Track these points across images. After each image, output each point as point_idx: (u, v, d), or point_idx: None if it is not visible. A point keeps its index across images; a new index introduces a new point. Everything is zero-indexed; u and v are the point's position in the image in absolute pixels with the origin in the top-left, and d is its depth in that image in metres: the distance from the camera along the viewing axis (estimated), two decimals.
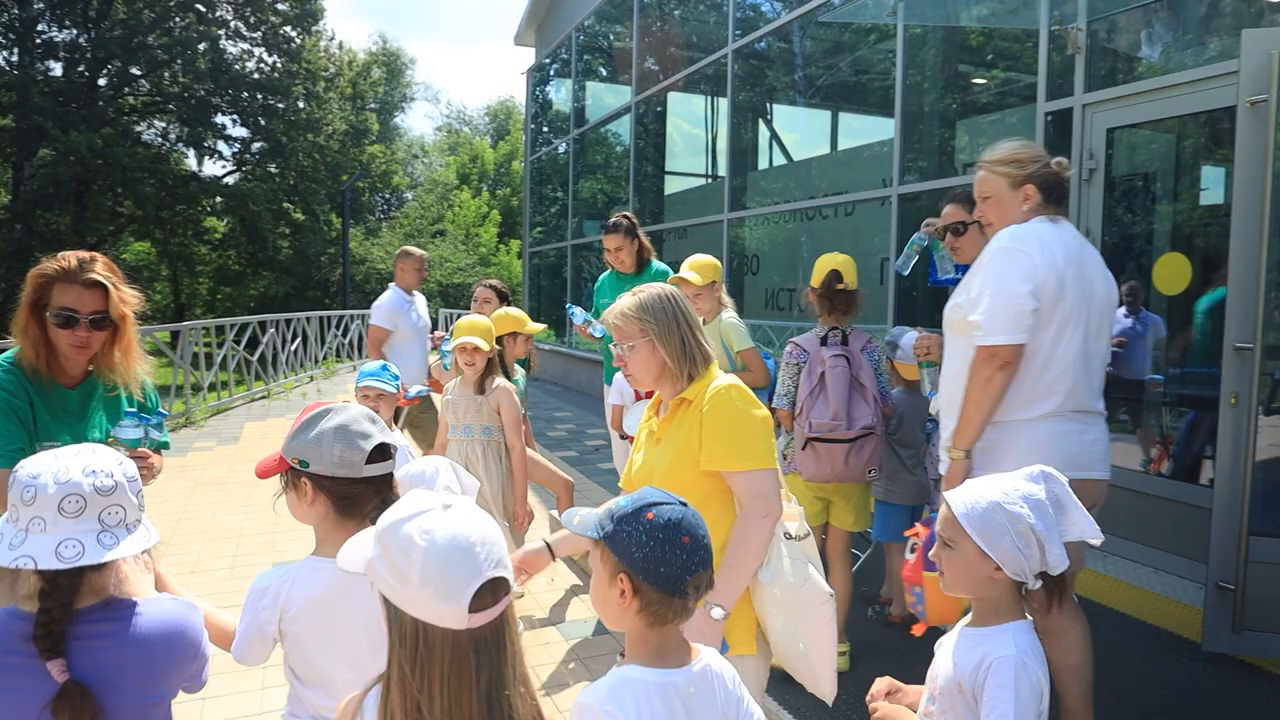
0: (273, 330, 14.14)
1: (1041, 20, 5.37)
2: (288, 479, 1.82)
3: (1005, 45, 6.56)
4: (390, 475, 1.84)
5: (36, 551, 1.43)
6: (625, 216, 4.94)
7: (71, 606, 1.49)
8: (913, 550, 2.36)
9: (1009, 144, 2.88)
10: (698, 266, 4.18)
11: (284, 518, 1.89)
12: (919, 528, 2.35)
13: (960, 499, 1.69)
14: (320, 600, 1.76)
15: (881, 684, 1.89)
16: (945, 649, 1.76)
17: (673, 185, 12.03)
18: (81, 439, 2.36)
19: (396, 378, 3.68)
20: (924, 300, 6.42)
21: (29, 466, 1.49)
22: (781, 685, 3.10)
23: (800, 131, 9.74)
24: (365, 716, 1.28)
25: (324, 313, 17.70)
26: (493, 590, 1.23)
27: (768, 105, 9.94)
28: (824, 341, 3.59)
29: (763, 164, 9.91)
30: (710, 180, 10.74)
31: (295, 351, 15.28)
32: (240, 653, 1.83)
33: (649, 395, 4.21)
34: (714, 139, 10.70)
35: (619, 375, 4.48)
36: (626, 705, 1.46)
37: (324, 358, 16.74)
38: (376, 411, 3.36)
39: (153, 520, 1.65)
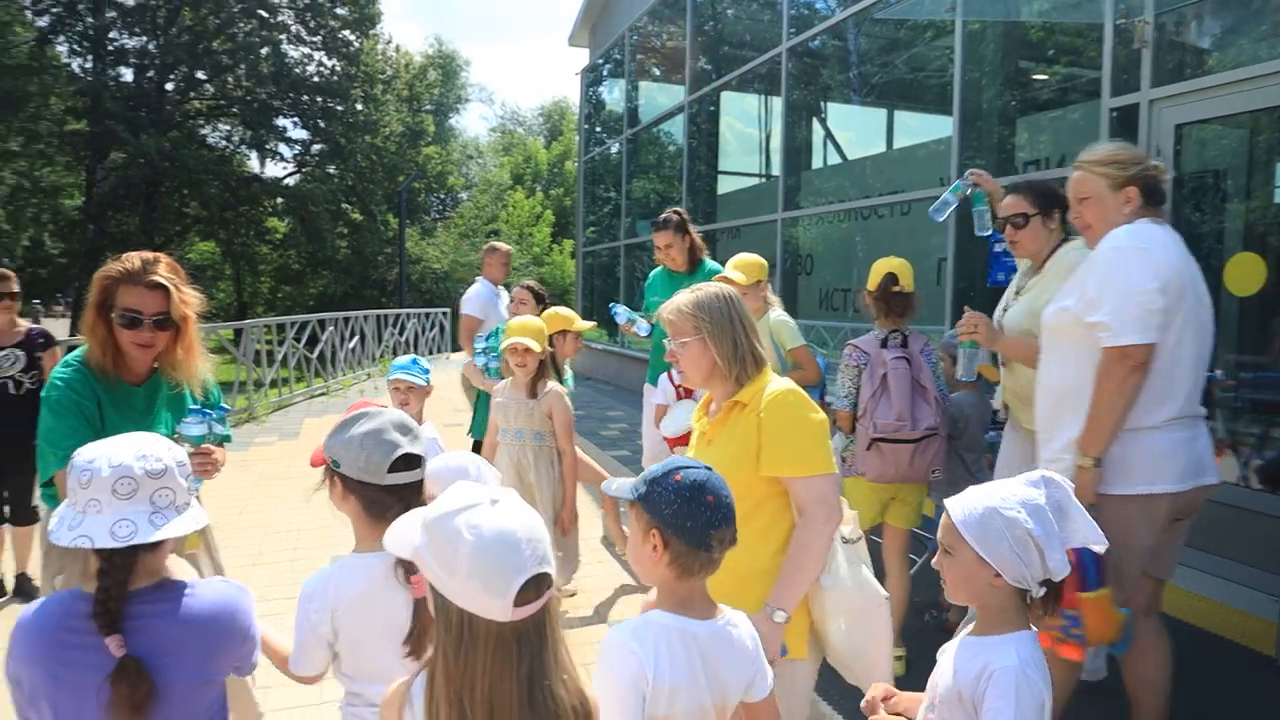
0: (331, 328, 14.41)
1: (1106, 14, 5.23)
2: (327, 473, 1.90)
3: (1067, 40, 6.40)
4: (417, 484, 1.87)
5: (93, 531, 1.52)
6: (676, 212, 4.86)
7: (126, 585, 1.57)
8: None
9: (1107, 145, 2.83)
10: (743, 265, 4.17)
11: (342, 513, 1.94)
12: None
13: (958, 505, 1.66)
14: (364, 595, 1.81)
15: (877, 690, 1.88)
16: (947, 656, 1.73)
17: (726, 185, 11.98)
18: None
19: (426, 371, 3.68)
20: (982, 301, 6.30)
21: (85, 453, 1.58)
22: (834, 688, 3.07)
23: (855, 130, 9.63)
24: (413, 702, 1.33)
25: (381, 311, 18.01)
26: (536, 585, 1.27)
27: (822, 104, 9.85)
28: (884, 344, 3.64)
29: (816, 163, 9.82)
30: (764, 180, 10.67)
31: (353, 349, 15.57)
32: (298, 662, 1.87)
33: (688, 394, 4.21)
34: (767, 138, 10.64)
35: (663, 377, 4.46)
36: (647, 643, 1.61)
37: (381, 355, 17.01)
38: (407, 404, 3.44)
39: (214, 513, 1.71)
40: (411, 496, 1.83)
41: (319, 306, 28.40)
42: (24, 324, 4.96)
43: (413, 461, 1.85)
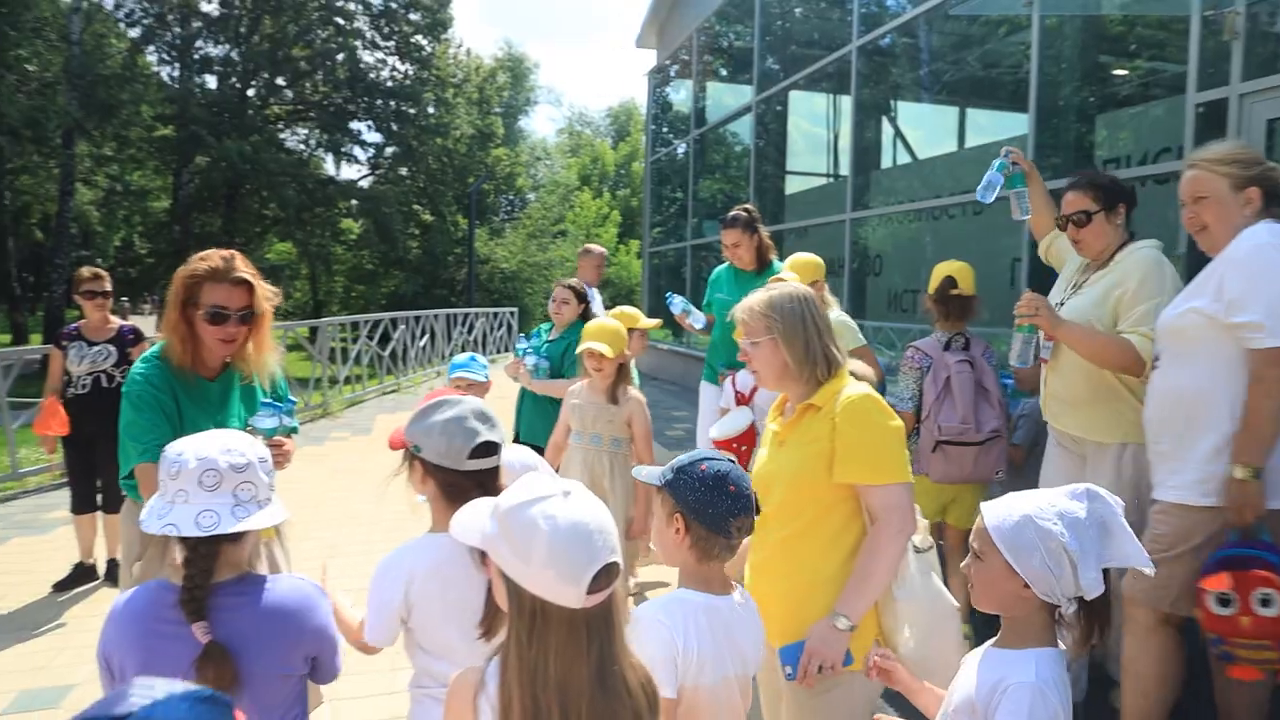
0: (403, 327, 14.73)
1: (1193, 5, 5.05)
2: (407, 457, 1.98)
3: (1150, 33, 6.20)
4: (494, 470, 1.94)
5: (180, 520, 1.60)
6: (745, 209, 4.78)
7: (211, 574, 1.65)
8: (1224, 602, 2.29)
9: (1225, 144, 2.76)
10: (797, 265, 4.12)
11: (416, 505, 2.01)
12: (1223, 576, 2.26)
13: (994, 510, 1.61)
14: (436, 572, 1.88)
15: (877, 652, 1.94)
16: (970, 666, 1.69)
17: (793, 185, 11.89)
18: (222, 427, 2.53)
19: (485, 367, 3.75)
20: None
21: (175, 447, 1.67)
22: (898, 699, 3.02)
23: (925, 129, 9.47)
24: (488, 685, 1.37)
25: (450, 310, 18.33)
26: (607, 573, 1.33)
27: (892, 102, 9.70)
28: (946, 347, 3.61)
29: (886, 162, 9.68)
30: (832, 180, 10.57)
31: (424, 347, 15.88)
32: (373, 632, 1.93)
33: (747, 400, 4.17)
34: (836, 137, 10.52)
35: (728, 381, 4.41)
36: (676, 617, 1.74)
37: (450, 353, 17.33)
38: None
39: (291, 506, 1.78)
40: (489, 481, 1.89)
41: (391, 305, 29.02)
42: (116, 321, 5.21)
43: (491, 449, 1.91)
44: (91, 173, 26.22)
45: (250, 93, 29.10)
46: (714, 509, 1.75)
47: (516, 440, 4.96)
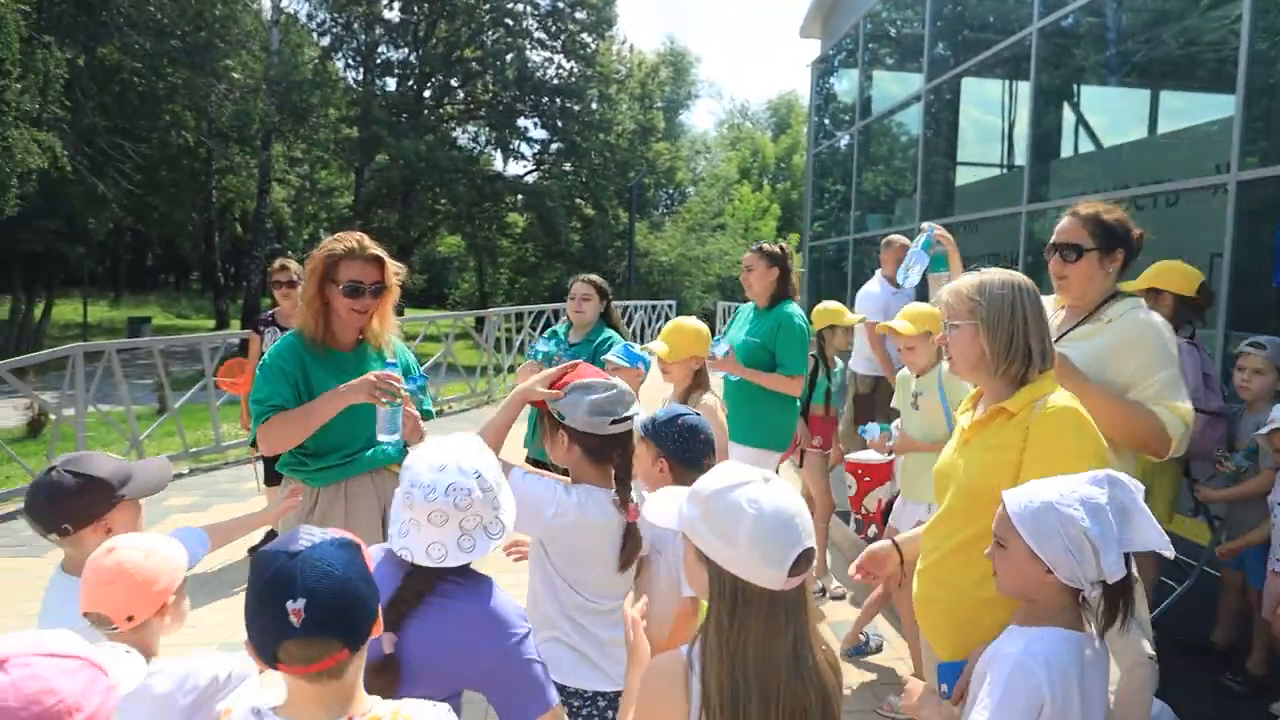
0: (564, 318, 15.12)
1: None
2: (549, 423, 2.26)
3: None
4: (630, 432, 2.25)
5: (413, 547, 1.67)
6: (781, 247, 4.54)
7: (420, 599, 1.68)
8: None
9: None
10: (912, 316, 3.67)
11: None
12: None
13: (1015, 497, 1.65)
14: (576, 520, 2.16)
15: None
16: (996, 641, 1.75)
17: (964, 176, 11.40)
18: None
19: (640, 358, 3.61)
20: (1269, 301, 5.61)
21: (409, 476, 1.69)
22: None
23: (1112, 114, 8.84)
24: (694, 665, 1.45)
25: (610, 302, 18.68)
26: (805, 557, 1.41)
27: (1074, 86, 9.12)
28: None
29: (1066, 151, 9.12)
30: (1006, 170, 10.06)
31: None
32: (520, 483, 2.12)
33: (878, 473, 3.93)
34: (1011, 126, 10.00)
35: (874, 426, 3.98)
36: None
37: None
38: None
39: None
40: (627, 441, 2.24)
41: (553, 297, 29.85)
42: None
43: (627, 419, 2.21)
44: (285, 172, 28.40)
45: (426, 94, 30.67)
46: (690, 452, 2.29)
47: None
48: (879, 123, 13.73)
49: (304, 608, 1.27)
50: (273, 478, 5.56)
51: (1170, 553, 1.59)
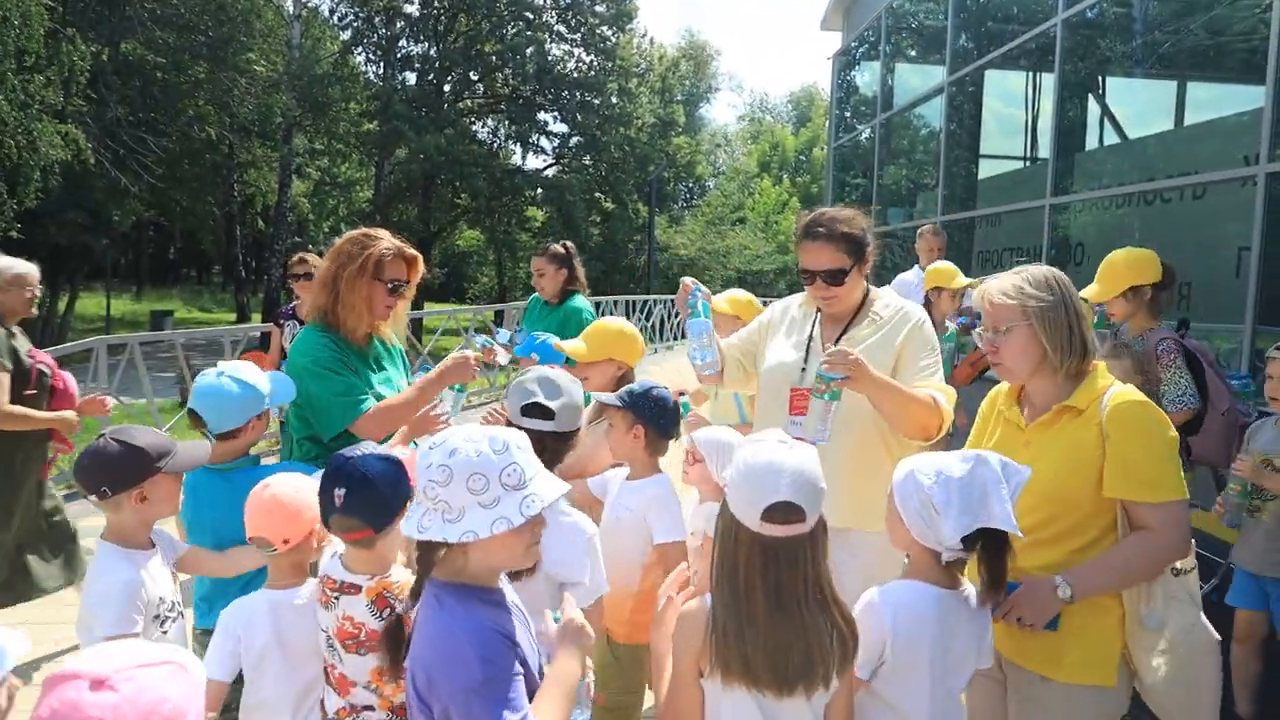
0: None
1: None
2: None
3: None
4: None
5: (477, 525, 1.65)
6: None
7: (416, 596, 1.60)
8: None
9: None
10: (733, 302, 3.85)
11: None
12: None
13: (902, 464, 1.88)
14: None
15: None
16: None
17: (986, 169, 11.29)
18: (386, 385, 2.87)
19: (559, 355, 3.44)
20: None
21: (423, 455, 1.65)
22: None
23: (1137, 106, 8.73)
24: (706, 600, 1.71)
25: (629, 297, 18.67)
26: (784, 511, 1.57)
27: (1099, 78, 9.01)
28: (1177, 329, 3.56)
29: (1091, 143, 9.01)
30: (1029, 163, 9.96)
31: None
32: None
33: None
34: (1034, 118, 9.89)
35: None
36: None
37: None
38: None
39: None
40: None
41: None
42: None
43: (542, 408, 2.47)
44: (305, 166, 28.53)
45: (446, 88, 30.69)
46: (665, 419, 2.56)
47: None
48: (900, 116, 13.63)
49: (343, 495, 1.81)
50: None
51: (1015, 533, 1.76)
